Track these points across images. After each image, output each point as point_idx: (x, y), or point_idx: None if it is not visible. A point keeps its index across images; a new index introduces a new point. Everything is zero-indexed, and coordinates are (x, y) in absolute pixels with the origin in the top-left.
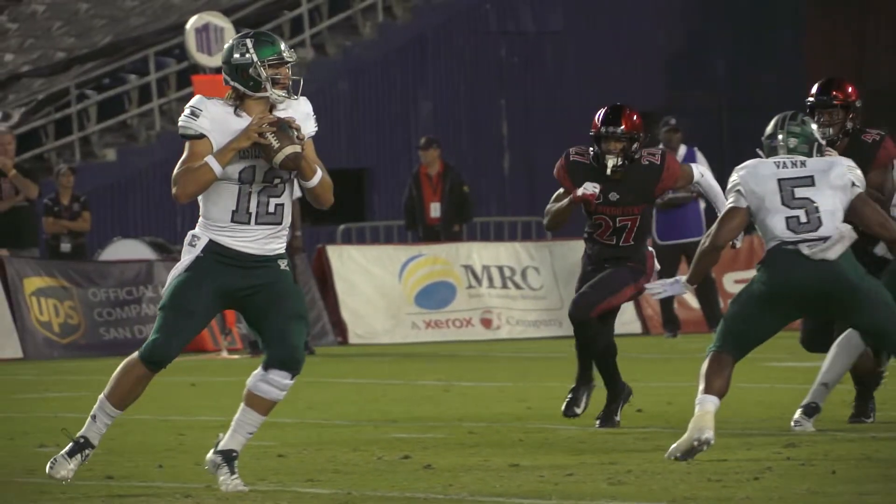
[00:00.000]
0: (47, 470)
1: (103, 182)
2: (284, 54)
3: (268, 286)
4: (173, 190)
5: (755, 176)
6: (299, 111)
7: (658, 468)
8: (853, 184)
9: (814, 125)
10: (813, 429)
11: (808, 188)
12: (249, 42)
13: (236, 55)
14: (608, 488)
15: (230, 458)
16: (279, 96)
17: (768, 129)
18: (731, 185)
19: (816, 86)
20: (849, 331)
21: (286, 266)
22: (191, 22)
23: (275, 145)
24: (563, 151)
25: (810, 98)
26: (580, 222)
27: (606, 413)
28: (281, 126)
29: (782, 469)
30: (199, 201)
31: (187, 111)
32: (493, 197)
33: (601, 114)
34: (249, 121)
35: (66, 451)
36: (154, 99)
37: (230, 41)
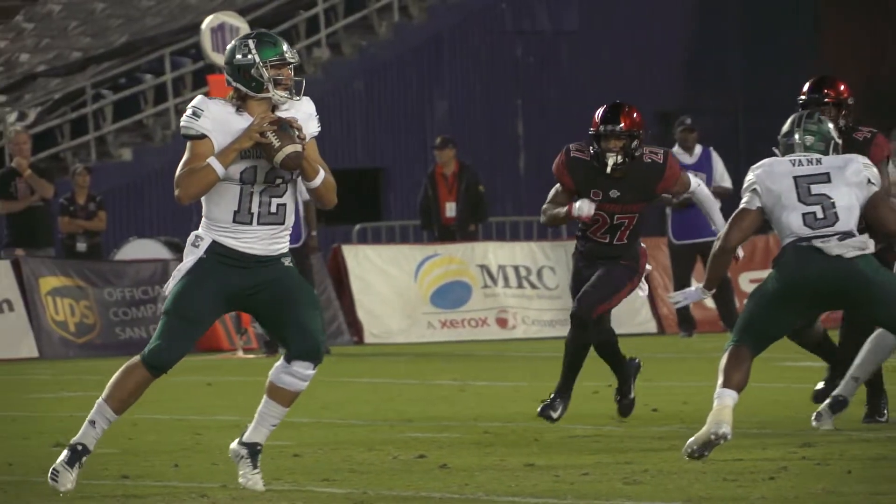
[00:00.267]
0: (49, 480)
1: (119, 182)
2: (287, 55)
3: (273, 282)
4: (176, 191)
5: (771, 174)
6: (302, 111)
7: (674, 468)
8: (869, 181)
9: (830, 124)
10: (832, 426)
11: (825, 185)
12: (252, 43)
13: (238, 56)
14: (624, 488)
15: (254, 452)
16: (281, 97)
17: (785, 128)
18: (747, 184)
19: (808, 84)
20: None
21: (290, 263)
22: (206, 22)
23: (275, 144)
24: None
25: (802, 96)
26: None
27: (621, 393)
28: (282, 125)
29: (798, 469)
30: (202, 202)
31: (189, 111)
32: (509, 196)
33: (600, 112)
34: (251, 121)
35: (65, 461)
36: (170, 98)
37: (233, 42)
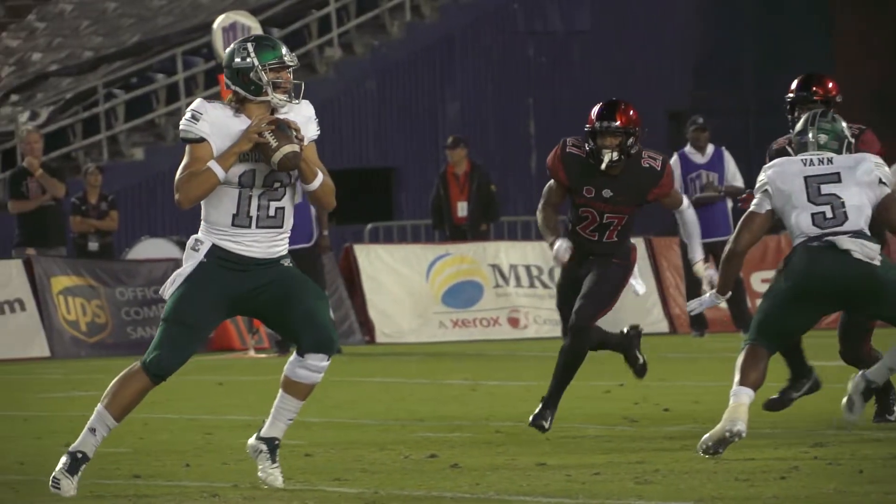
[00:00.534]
0: (51, 488)
1: (131, 181)
2: (285, 58)
3: (274, 282)
4: (176, 195)
5: (782, 174)
6: (301, 115)
7: (685, 467)
8: (880, 180)
9: (843, 123)
10: (856, 418)
11: (835, 184)
12: (250, 46)
13: (237, 59)
14: (635, 487)
15: (273, 447)
16: (280, 100)
17: (798, 126)
18: (759, 185)
19: (796, 82)
20: None
21: (289, 263)
22: (218, 21)
23: (273, 144)
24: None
25: (790, 94)
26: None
27: (630, 361)
28: (279, 126)
29: (809, 468)
30: (201, 205)
31: (188, 115)
32: (521, 196)
33: (597, 109)
34: (250, 124)
35: (65, 468)
36: (182, 98)
37: (231, 45)
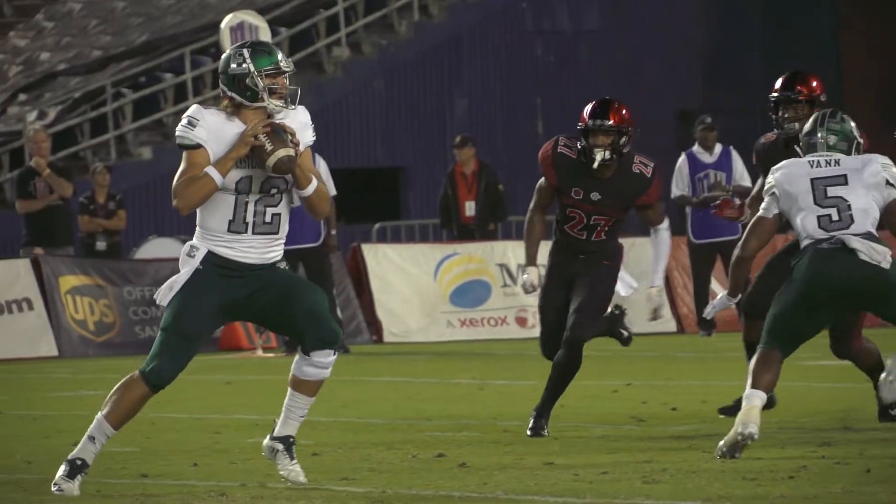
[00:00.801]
0: (54, 492)
1: (139, 181)
2: (282, 64)
3: (268, 285)
4: (174, 202)
5: (789, 176)
6: (297, 121)
7: (693, 467)
8: (887, 182)
9: (852, 123)
10: (894, 398)
11: (841, 187)
12: (246, 52)
13: (233, 65)
14: (643, 487)
15: (289, 444)
16: (276, 106)
17: (807, 127)
18: (767, 187)
19: (780, 80)
20: None
21: (284, 266)
22: (226, 20)
23: (268, 148)
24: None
25: (774, 93)
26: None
27: (615, 336)
28: (275, 130)
29: (817, 468)
30: (197, 211)
31: (184, 121)
32: (529, 196)
33: (589, 107)
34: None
35: (66, 474)
36: (190, 97)
37: (227, 51)
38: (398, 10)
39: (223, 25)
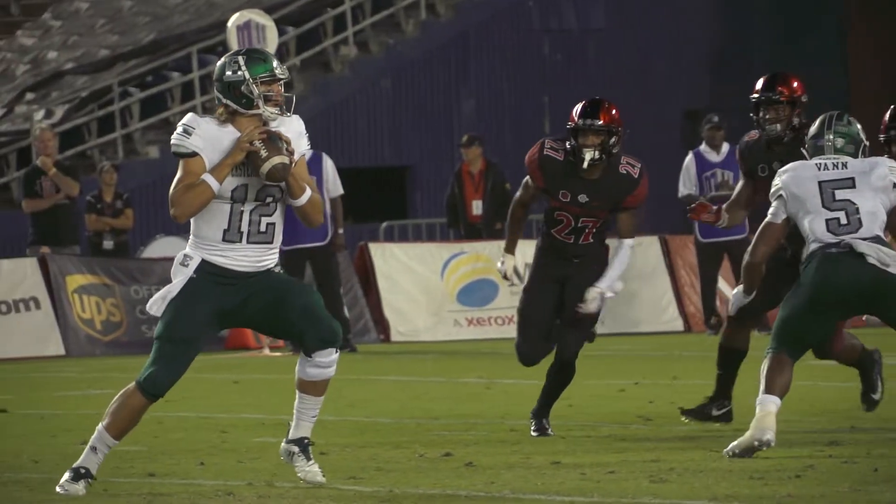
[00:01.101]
0: (60, 493)
1: (146, 179)
2: (277, 71)
3: (263, 289)
4: (171, 210)
5: (797, 179)
6: (292, 130)
7: (700, 466)
8: (894, 185)
9: (859, 126)
10: None
11: (849, 190)
12: (241, 59)
13: (228, 73)
14: (650, 486)
15: (304, 446)
16: (271, 113)
17: (813, 129)
18: (774, 190)
19: (761, 81)
20: None
21: (278, 270)
22: (232, 19)
23: (263, 154)
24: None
25: (755, 94)
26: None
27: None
28: (271, 137)
29: (824, 467)
30: (191, 220)
31: (180, 129)
32: None
33: (579, 107)
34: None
35: (70, 478)
36: (197, 96)
37: (222, 59)
38: (405, 9)
39: (230, 24)
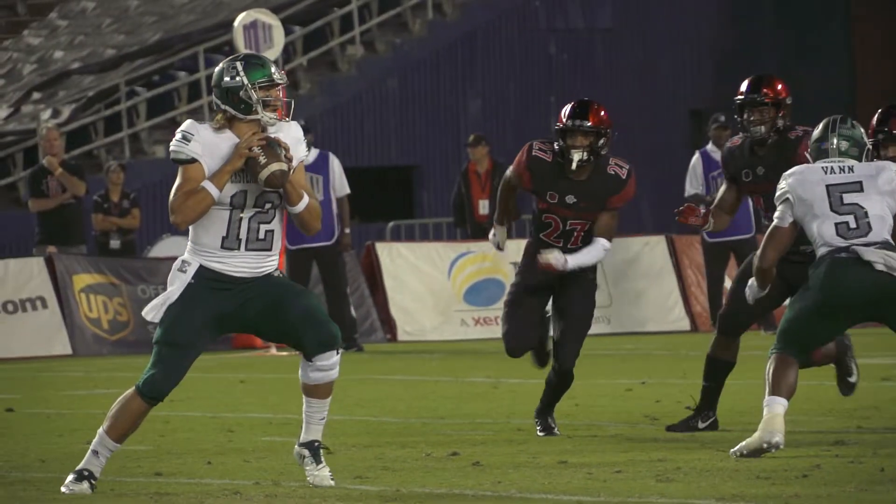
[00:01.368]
0: (65, 493)
1: (153, 179)
2: (275, 76)
3: (260, 294)
4: (172, 217)
5: (803, 183)
6: (290, 136)
7: (706, 465)
8: None
9: (861, 129)
10: None
11: (857, 194)
12: (240, 65)
13: (227, 78)
14: (656, 485)
15: (314, 449)
16: (270, 118)
17: (817, 133)
18: (780, 193)
19: (746, 83)
20: None
21: (278, 274)
22: (239, 19)
23: (261, 161)
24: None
25: (739, 96)
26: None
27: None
28: (269, 143)
29: (831, 467)
30: (189, 227)
31: (178, 136)
32: None
33: (568, 108)
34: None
35: (74, 479)
36: (203, 96)
37: (220, 65)
38: (412, 9)
39: (237, 24)
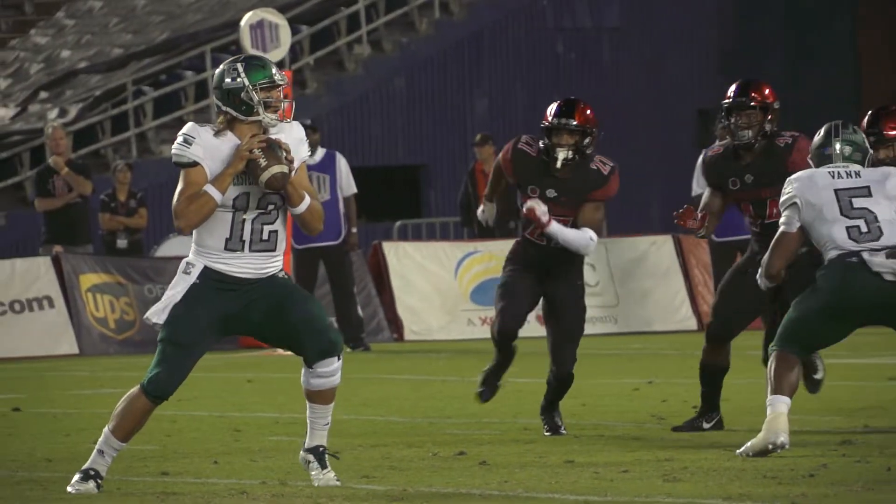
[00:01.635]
0: (71, 492)
1: (160, 178)
2: (276, 77)
3: (264, 296)
4: (176, 223)
5: (811, 187)
6: (292, 137)
7: (713, 465)
8: None
9: (862, 135)
10: None
11: (866, 198)
12: (240, 66)
13: (228, 80)
14: (663, 485)
15: (319, 454)
16: (271, 119)
17: (819, 138)
18: (786, 198)
19: (733, 87)
20: None
21: (283, 275)
22: (246, 18)
23: (262, 163)
24: (623, 150)
25: (727, 100)
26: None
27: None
28: (270, 145)
29: (837, 466)
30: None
31: (180, 139)
32: None
33: (554, 106)
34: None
35: (80, 479)
36: (210, 95)
37: (221, 66)
38: (419, 8)
39: (243, 23)
